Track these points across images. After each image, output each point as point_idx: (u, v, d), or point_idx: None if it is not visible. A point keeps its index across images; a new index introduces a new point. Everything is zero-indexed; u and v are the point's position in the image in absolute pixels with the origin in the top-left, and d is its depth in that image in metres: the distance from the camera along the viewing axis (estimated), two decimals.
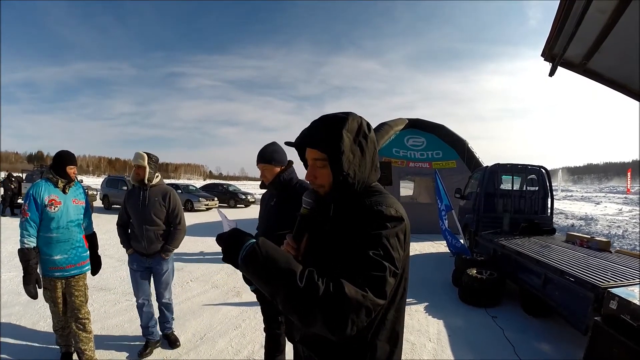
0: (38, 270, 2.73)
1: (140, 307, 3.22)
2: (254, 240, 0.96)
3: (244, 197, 20.76)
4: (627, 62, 2.07)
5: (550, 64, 2.07)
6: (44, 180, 2.80)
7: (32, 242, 2.65)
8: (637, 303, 2.36)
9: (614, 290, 2.67)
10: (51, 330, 3.02)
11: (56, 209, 2.75)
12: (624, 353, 2.29)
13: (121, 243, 3.27)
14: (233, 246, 0.96)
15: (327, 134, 1.04)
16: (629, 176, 37.60)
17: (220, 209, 1.65)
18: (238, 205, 20.46)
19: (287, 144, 1.19)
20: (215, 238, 1.04)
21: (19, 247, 2.64)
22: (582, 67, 2.16)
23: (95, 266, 3.07)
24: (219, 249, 1.01)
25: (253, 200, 21.09)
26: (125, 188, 14.51)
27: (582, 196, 28.80)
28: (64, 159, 2.83)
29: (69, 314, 2.86)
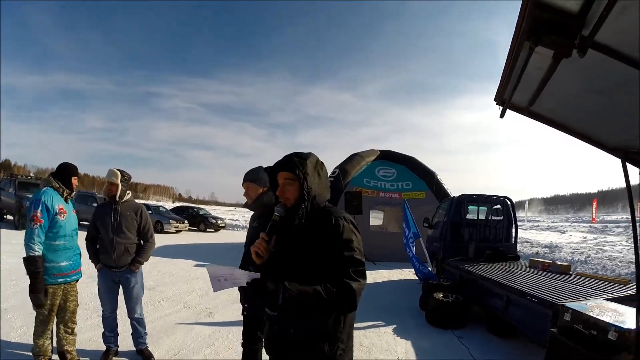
0: None
1: (105, 318, 3.27)
2: (283, 284, 1.33)
3: (214, 221, 20.10)
4: (562, 106, 2.52)
5: (501, 107, 2.47)
6: (51, 189, 2.88)
7: (41, 250, 2.70)
8: (588, 314, 2.62)
9: (567, 304, 2.92)
10: (22, 341, 2.99)
11: (64, 217, 2.88)
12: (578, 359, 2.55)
13: (89, 258, 3.30)
14: (271, 297, 1.33)
15: (297, 162, 1.50)
16: (594, 206, 39.95)
17: (210, 266, 1.48)
18: (208, 230, 19.78)
19: (266, 168, 1.69)
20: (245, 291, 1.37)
21: (27, 254, 2.63)
22: (527, 110, 2.56)
23: None
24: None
25: (223, 225, 20.54)
26: (95, 205, 13.80)
27: (549, 226, 29.40)
28: (70, 170, 2.99)
29: (59, 319, 2.93)
